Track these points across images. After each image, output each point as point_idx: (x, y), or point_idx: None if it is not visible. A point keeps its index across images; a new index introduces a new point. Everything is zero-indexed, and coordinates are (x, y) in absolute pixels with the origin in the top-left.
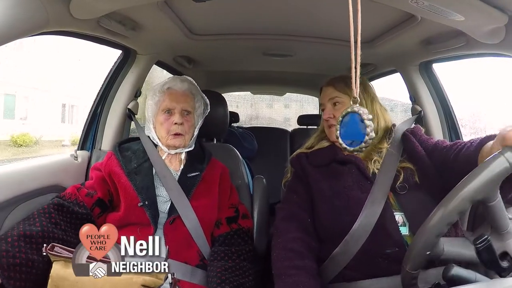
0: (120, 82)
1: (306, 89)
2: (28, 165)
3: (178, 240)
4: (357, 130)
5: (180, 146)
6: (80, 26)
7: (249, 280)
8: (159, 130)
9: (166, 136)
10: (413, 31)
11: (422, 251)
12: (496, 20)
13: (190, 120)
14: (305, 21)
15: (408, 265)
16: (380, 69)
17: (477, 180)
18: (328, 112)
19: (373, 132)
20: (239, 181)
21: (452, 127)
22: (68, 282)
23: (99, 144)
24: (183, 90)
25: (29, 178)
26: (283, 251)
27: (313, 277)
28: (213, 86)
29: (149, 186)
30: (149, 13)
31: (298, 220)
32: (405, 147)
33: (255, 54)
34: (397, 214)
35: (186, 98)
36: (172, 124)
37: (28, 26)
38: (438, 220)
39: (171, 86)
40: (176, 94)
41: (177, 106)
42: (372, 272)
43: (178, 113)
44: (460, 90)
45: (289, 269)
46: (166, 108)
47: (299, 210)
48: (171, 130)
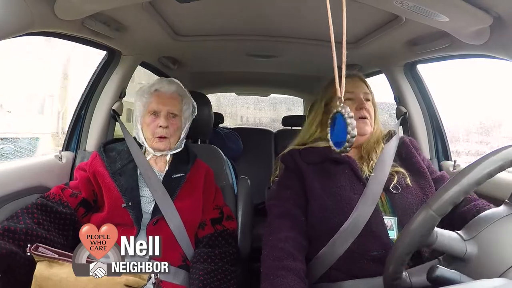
0: (105, 83)
1: (291, 90)
2: (12, 166)
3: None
4: (342, 129)
5: (165, 149)
6: (65, 27)
7: (231, 284)
8: (145, 132)
9: (151, 138)
10: (397, 32)
11: (407, 250)
12: (481, 21)
13: (176, 123)
14: (289, 22)
15: (392, 264)
16: (364, 70)
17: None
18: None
19: (355, 130)
20: (224, 182)
21: (436, 128)
22: (51, 282)
23: (84, 145)
24: (170, 92)
25: (14, 179)
26: (273, 250)
27: (302, 279)
28: (198, 87)
29: (133, 187)
30: (134, 14)
31: (292, 218)
32: (400, 153)
33: (239, 55)
34: (387, 218)
35: (173, 101)
36: (157, 126)
37: (13, 27)
38: (422, 221)
39: (159, 88)
40: (163, 97)
41: (163, 109)
42: (356, 273)
43: (163, 116)
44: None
45: (278, 270)
46: (152, 110)
47: (293, 207)
48: (156, 132)
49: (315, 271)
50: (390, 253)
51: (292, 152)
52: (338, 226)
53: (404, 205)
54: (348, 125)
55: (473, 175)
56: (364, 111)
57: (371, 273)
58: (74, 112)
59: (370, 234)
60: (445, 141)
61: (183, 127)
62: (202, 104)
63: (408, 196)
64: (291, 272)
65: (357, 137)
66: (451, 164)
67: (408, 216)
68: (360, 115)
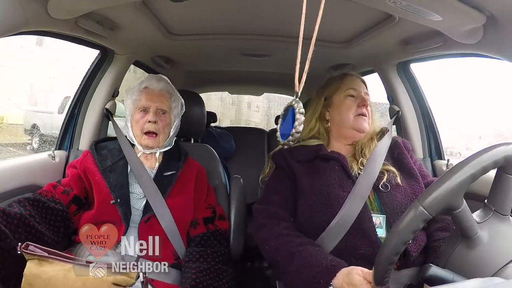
0: (98, 82)
1: (284, 89)
2: (5, 165)
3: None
4: (290, 123)
5: (154, 147)
6: (58, 26)
7: (223, 283)
8: (135, 129)
9: (140, 135)
10: (391, 31)
11: (396, 245)
12: (474, 20)
13: (165, 119)
14: (282, 22)
15: (380, 263)
16: (357, 69)
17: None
18: (365, 102)
19: (301, 126)
20: (216, 181)
21: (429, 127)
22: (41, 280)
23: (77, 144)
24: (159, 89)
25: (6, 178)
26: (280, 237)
27: (318, 247)
28: (191, 86)
29: (122, 184)
30: (127, 13)
31: (281, 219)
32: (392, 153)
33: (233, 54)
34: (375, 216)
35: (162, 97)
36: (146, 122)
37: (6, 26)
38: (412, 217)
39: (148, 86)
40: (152, 94)
41: (152, 105)
42: None
43: (152, 112)
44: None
45: (297, 246)
46: (142, 106)
47: (280, 209)
48: (144, 128)
49: None
50: (380, 250)
51: (283, 151)
52: (326, 223)
53: (393, 204)
54: (296, 120)
55: (466, 171)
56: (365, 109)
57: None
58: (67, 111)
59: (358, 232)
60: (438, 140)
61: (172, 124)
62: (195, 103)
63: (397, 195)
64: (308, 245)
65: (355, 133)
66: (444, 163)
67: (396, 215)
68: (361, 112)
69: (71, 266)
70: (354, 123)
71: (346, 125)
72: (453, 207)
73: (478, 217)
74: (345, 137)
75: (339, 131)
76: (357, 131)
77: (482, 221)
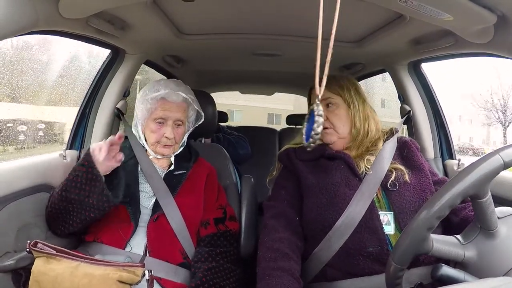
0: (109, 81)
1: (295, 88)
2: (17, 164)
3: (161, 238)
4: (311, 126)
5: (169, 154)
6: (69, 25)
7: (232, 282)
8: (149, 137)
9: (155, 144)
10: (402, 31)
11: (411, 245)
12: (485, 19)
13: (181, 131)
14: (293, 21)
15: (395, 259)
16: (368, 69)
17: (471, 175)
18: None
19: (320, 128)
20: (227, 180)
21: (441, 126)
22: (48, 277)
23: (88, 144)
24: (177, 102)
25: (18, 177)
26: (268, 251)
27: (296, 279)
28: (202, 85)
29: (132, 183)
30: (138, 13)
31: (286, 219)
32: (401, 152)
33: (244, 53)
34: (382, 213)
35: (180, 108)
36: (162, 136)
37: (18, 26)
38: (429, 213)
39: (165, 97)
40: (170, 105)
41: (170, 116)
42: (353, 271)
43: (170, 126)
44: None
45: (274, 270)
46: (158, 117)
47: (287, 207)
48: (161, 141)
49: (311, 268)
50: (393, 249)
51: (288, 151)
52: (333, 222)
53: (402, 202)
54: (315, 122)
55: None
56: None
57: (367, 270)
58: (78, 111)
59: (365, 230)
60: (449, 139)
61: (186, 131)
62: (206, 103)
63: (406, 193)
64: (286, 273)
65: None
66: (455, 163)
67: (405, 213)
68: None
69: (78, 263)
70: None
71: (327, 141)
72: (479, 195)
73: (499, 213)
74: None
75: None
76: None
77: (502, 216)
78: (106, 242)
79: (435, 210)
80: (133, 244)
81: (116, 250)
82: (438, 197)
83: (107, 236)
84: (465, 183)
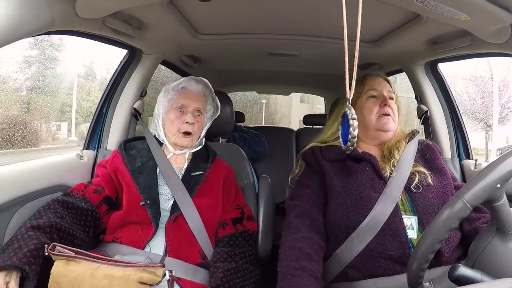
0: (126, 81)
1: (312, 88)
2: (34, 164)
3: (179, 239)
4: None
5: (188, 146)
6: (86, 25)
7: (251, 283)
8: (169, 128)
9: (176, 134)
10: (418, 31)
11: (432, 244)
12: (502, 20)
13: (201, 121)
14: (310, 21)
15: (415, 262)
16: (385, 69)
17: (487, 178)
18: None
19: (356, 131)
20: (245, 180)
21: (458, 126)
22: (67, 278)
23: (105, 144)
24: (197, 91)
25: (35, 177)
26: (291, 250)
27: (318, 280)
28: (219, 85)
29: (152, 185)
30: (155, 13)
31: (310, 218)
32: (424, 155)
33: (261, 53)
34: (406, 217)
35: (200, 98)
36: (183, 122)
37: (34, 26)
38: (449, 215)
39: (186, 86)
40: (190, 94)
41: (191, 104)
42: (374, 272)
43: (190, 113)
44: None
45: (295, 270)
46: (180, 105)
47: (312, 207)
48: (182, 128)
49: (332, 269)
50: (415, 248)
51: (314, 149)
52: (357, 224)
53: (425, 205)
54: (350, 126)
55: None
56: (388, 108)
57: (388, 272)
58: (95, 111)
59: (388, 233)
60: (466, 140)
61: (204, 126)
62: (224, 103)
63: (429, 196)
64: (307, 273)
65: (380, 133)
66: (472, 163)
67: (429, 216)
68: (383, 112)
69: (98, 265)
70: (377, 124)
71: (370, 127)
72: (495, 198)
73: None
74: (371, 138)
75: (364, 133)
76: (382, 131)
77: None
78: (126, 242)
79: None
80: (152, 245)
81: (136, 251)
82: (456, 200)
83: (127, 236)
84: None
